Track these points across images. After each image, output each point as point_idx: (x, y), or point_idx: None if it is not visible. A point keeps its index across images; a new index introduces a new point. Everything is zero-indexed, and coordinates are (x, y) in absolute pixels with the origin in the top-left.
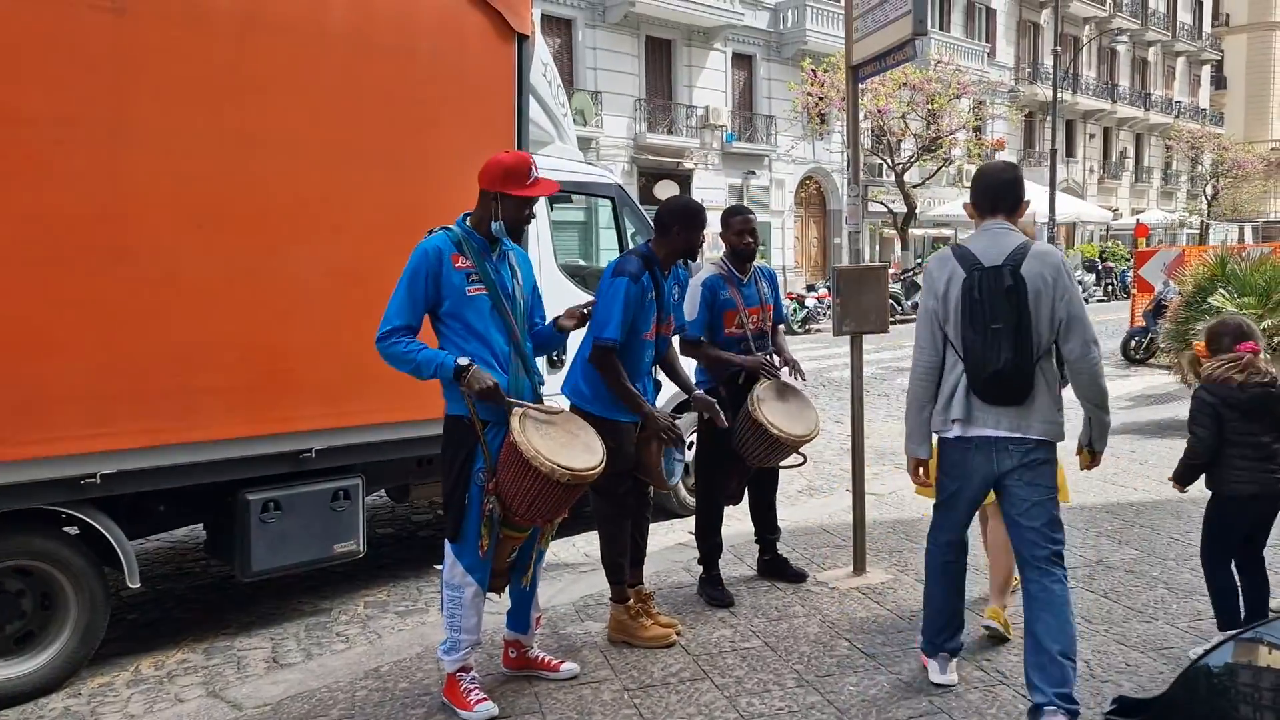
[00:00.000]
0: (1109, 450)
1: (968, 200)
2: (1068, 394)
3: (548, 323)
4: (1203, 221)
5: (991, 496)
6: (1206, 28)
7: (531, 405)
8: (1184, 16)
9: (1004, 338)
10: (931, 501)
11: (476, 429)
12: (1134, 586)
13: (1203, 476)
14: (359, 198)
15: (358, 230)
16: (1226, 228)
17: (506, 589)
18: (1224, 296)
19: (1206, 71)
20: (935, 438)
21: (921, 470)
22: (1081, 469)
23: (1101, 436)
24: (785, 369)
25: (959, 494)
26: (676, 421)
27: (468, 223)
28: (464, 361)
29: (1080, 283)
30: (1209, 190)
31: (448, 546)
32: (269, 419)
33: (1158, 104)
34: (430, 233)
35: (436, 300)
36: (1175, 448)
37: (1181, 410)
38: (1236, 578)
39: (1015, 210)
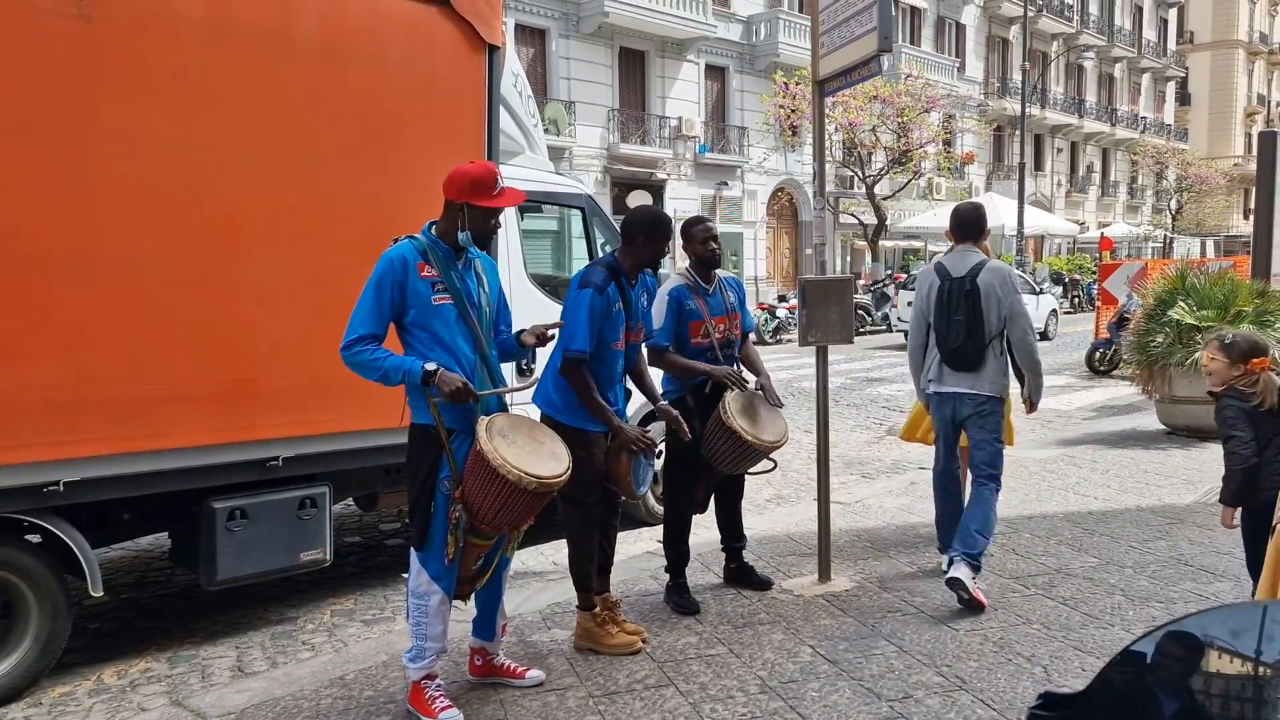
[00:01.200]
0: (1070, 458)
1: (947, 229)
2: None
3: (512, 334)
4: (1167, 235)
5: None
6: (1171, 45)
7: (498, 413)
8: (1149, 34)
9: (961, 326)
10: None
11: (442, 437)
12: (1092, 593)
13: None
14: (328, 206)
15: (327, 239)
16: (1190, 242)
17: (472, 596)
18: (1184, 309)
19: (1171, 88)
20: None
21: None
22: (1026, 414)
23: (1036, 392)
24: (753, 384)
25: (940, 432)
26: (648, 430)
27: (433, 231)
28: (431, 366)
29: (1049, 293)
30: (1173, 205)
31: (413, 555)
32: (235, 427)
33: (1124, 119)
34: (395, 241)
35: (402, 309)
36: (1137, 458)
37: (1143, 421)
38: None
39: (979, 238)
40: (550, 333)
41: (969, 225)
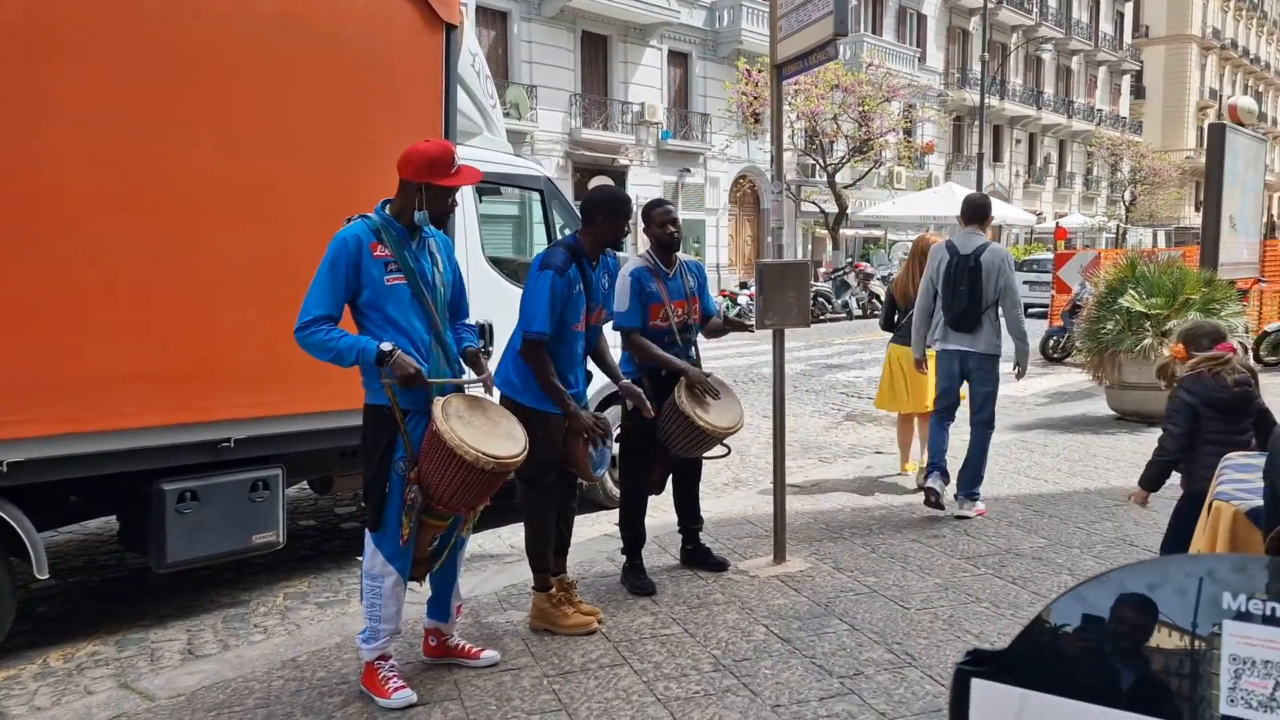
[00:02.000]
0: (1023, 443)
1: (959, 214)
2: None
3: (463, 346)
4: (1121, 226)
5: (917, 408)
6: (1127, 38)
7: (454, 393)
8: (1106, 27)
9: (965, 295)
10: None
11: (397, 418)
12: (1040, 573)
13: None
14: (284, 185)
15: (283, 218)
16: (1142, 232)
17: (427, 578)
18: (1134, 297)
19: (1126, 81)
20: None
21: (921, 366)
22: (1016, 380)
23: (1024, 358)
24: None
25: (943, 381)
26: (604, 415)
27: (387, 211)
28: (387, 346)
29: None
30: (1127, 196)
31: (367, 536)
32: (187, 408)
33: (1080, 111)
34: (348, 221)
35: (356, 289)
36: (1087, 443)
37: (1094, 407)
38: None
39: (984, 223)
40: (487, 379)
41: (976, 211)
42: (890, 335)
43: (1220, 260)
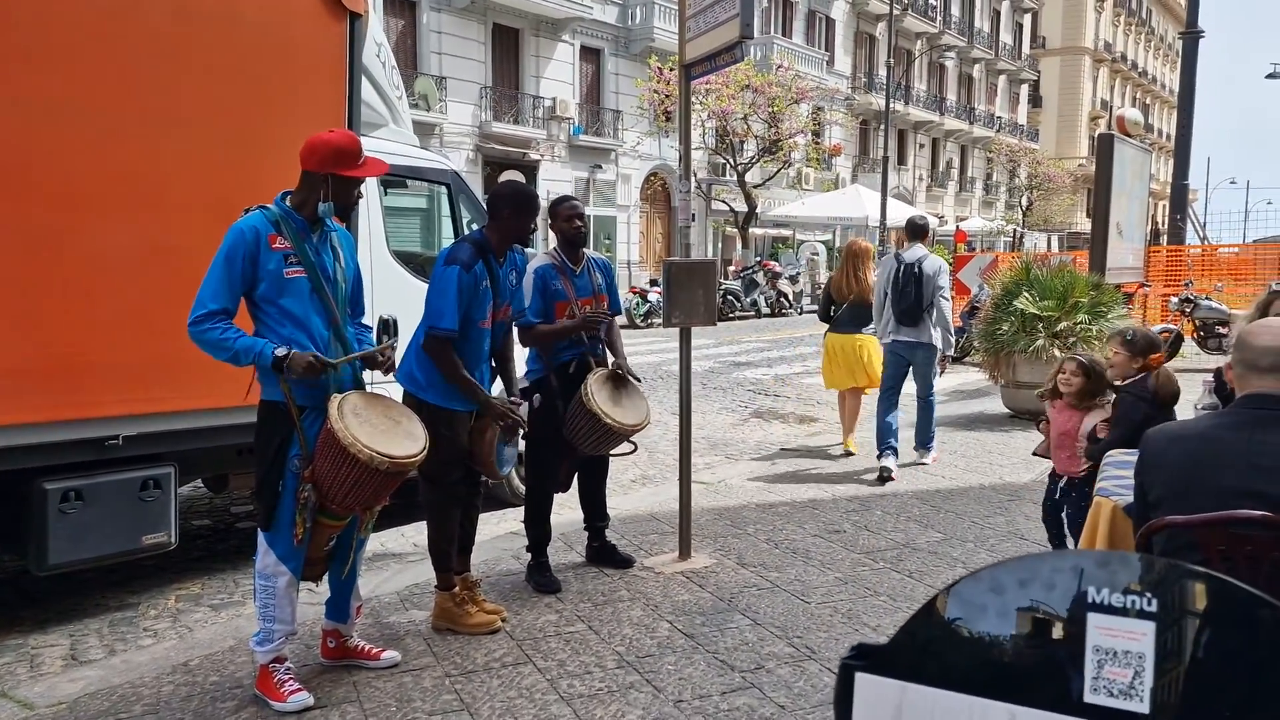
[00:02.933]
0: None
1: (901, 230)
2: None
3: (361, 349)
4: (1018, 230)
5: (852, 383)
6: (1026, 49)
7: (352, 391)
8: (1006, 37)
9: (910, 295)
10: None
11: (293, 415)
12: (936, 567)
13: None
14: (174, 172)
15: (172, 207)
16: (1038, 237)
17: (325, 578)
18: (1028, 299)
19: (1025, 90)
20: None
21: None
22: (939, 367)
23: (948, 347)
24: (611, 363)
25: (890, 367)
26: (519, 406)
27: (288, 203)
28: (281, 352)
29: None
30: (1024, 201)
31: (260, 535)
32: (69, 404)
33: (981, 118)
34: (246, 212)
35: (253, 282)
36: (982, 439)
37: (990, 405)
38: None
39: (923, 238)
40: (382, 358)
41: (918, 230)
42: (827, 326)
43: (1108, 265)
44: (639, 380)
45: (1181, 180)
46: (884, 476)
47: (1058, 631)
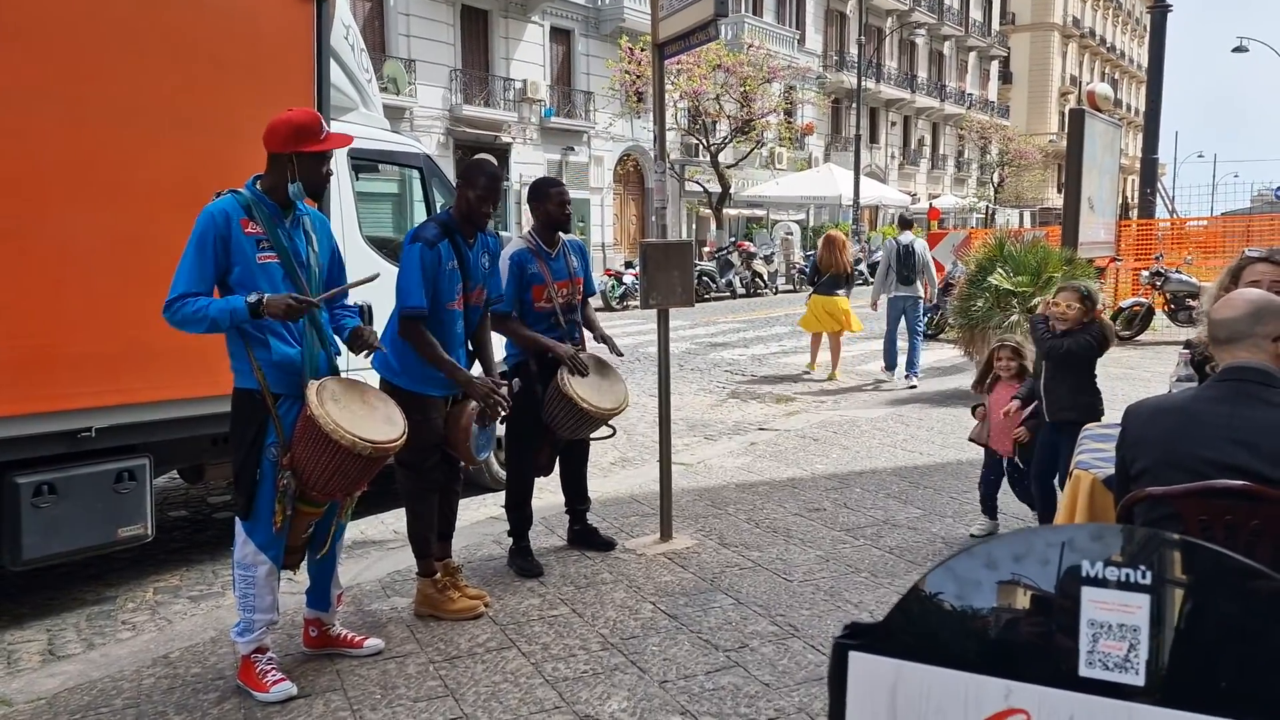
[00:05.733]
0: (899, 417)
1: (897, 220)
2: None
3: (346, 327)
4: (990, 207)
5: (822, 329)
6: (995, 25)
7: (328, 377)
8: (976, 14)
9: (908, 265)
10: None
11: (268, 402)
12: (916, 542)
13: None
14: (141, 158)
15: (139, 193)
16: (1010, 213)
17: (304, 565)
18: (1002, 275)
19: (995, 67)
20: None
21: (875, 306)
22: (926, 302)
23: (934, 292)
24: (596, 343)
25: (891, 317)
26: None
27: (258, 187)
28: (253, 298)
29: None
30: (995, 178)
31: (238, 524)
32: (38, 396)
33: (952, 96)
34: (217, 195)
35: (226, 267)
36: (958, 415)
37: (965, 381)
38: None
39: (912, 228)
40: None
41: (907, 223)
42: (812, 289)
43: (1080, 240)
44: (621, 355)
45: (1151, 154)
46: (896, 376)
47: (1052, 606)
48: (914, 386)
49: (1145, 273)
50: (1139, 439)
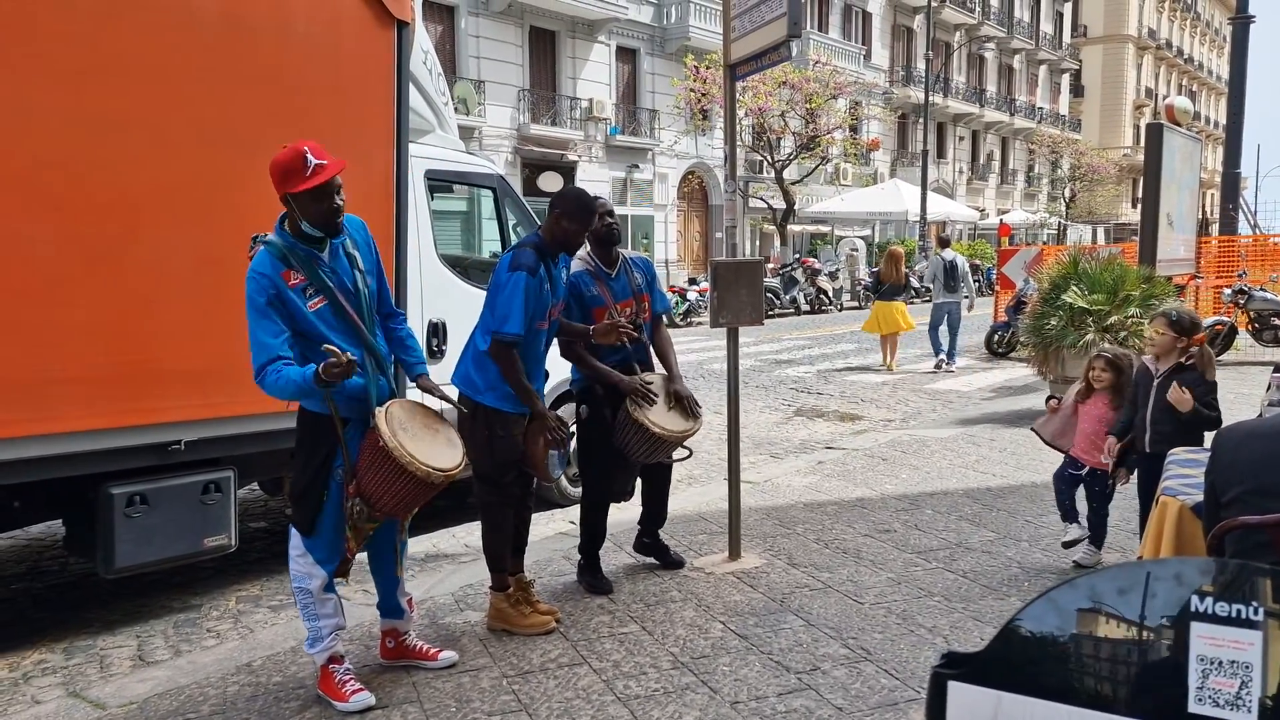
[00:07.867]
0: (969, 437)
1: (935, 239)
2: None
3: (415, 373)
4: (1061, 222)
5: (886, 328)
6: (1067, 38)
7: (391, 401)
8: (1046, 26)
9: (953, 277)
10: None
11: (337, 430)
12: (990, 566)
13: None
14: (229, 184)
15: (227, 218)
16: (1082, 228)
17: (374, 580)
18: (1076, 293)
19: (1066, 79)
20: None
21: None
22: (969, 311)
23: (972, 299)
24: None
25: (935, 317)
26: (563, 415)
27: (286, 227)
28: (312, 370)
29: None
30: (1067, 193)
31: (295, 540)
32: (134, 410)
33: (1022, 109)
34: (251, 249)
35: (288, 317)
36: (1032, 437)
37: (1038, 401)
38: None
39: (948, 245)
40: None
41: (945, 241)
42: (877, 296)
43: (1159, 257)
44: (698, 409)
45: (1233, 169)
46: (939, 366)
47: (1160, 641)
48: (951, 371)
49: (1227, 290)
50: (1231, 465)
